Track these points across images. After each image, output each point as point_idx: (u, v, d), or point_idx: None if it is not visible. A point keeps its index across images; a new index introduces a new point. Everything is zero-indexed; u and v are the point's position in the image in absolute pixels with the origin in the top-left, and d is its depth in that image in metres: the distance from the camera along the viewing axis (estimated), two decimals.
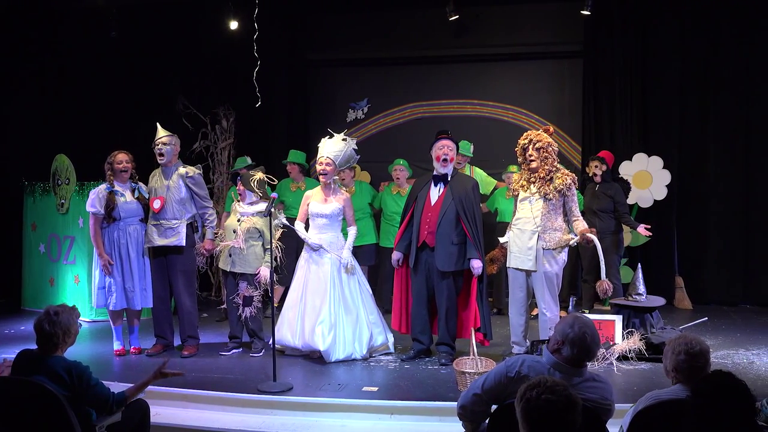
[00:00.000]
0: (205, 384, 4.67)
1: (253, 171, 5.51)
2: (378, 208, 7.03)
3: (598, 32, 7.52)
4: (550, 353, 2.69)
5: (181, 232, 5.41)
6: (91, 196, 5.45)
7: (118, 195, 5.42)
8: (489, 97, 8.00)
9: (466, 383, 4.27)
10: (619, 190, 6.67)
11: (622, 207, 6.60)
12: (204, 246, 5.52)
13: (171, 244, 5.39)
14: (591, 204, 6.68)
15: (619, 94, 7.47)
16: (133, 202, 5.47)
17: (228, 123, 8.08)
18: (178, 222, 5.42)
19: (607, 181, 6.68)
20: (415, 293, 5.24)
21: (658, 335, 5.25)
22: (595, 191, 6.67)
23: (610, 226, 6.61)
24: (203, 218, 5.56)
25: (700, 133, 7.38)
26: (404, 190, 6.85)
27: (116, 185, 5.45)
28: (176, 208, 5.42)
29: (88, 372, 3.06)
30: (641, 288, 5.54)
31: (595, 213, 6.60)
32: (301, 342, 5.26)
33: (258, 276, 5.36)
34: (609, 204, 6.56)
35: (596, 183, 6.67)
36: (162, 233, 5.40)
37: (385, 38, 8.09)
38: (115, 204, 5.38)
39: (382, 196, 7.00)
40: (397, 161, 6.96)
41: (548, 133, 5.08)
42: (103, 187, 5.45)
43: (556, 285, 5.03)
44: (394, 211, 6.82)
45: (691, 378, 2.66)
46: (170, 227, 5.40)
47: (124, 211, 5.42)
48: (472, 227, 5.04)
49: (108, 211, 5.36)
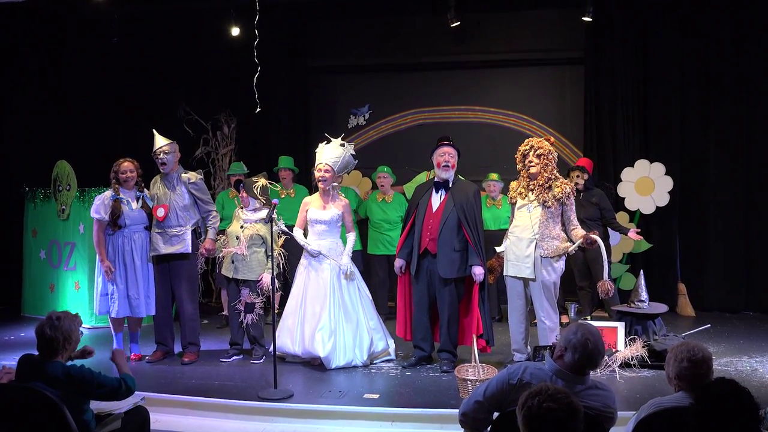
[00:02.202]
0: (205, 391, 4.67)
1: (256, 178, 5.52)
2: (364, 217, 7.02)
3: (599, 38, 7.53)
4: (552, 360, 2.69)
5: (187, 240, 5.43)
6: (96, 201, 5.46)
7: (124, 203, 5.43)
8: (490, 103, 8.01)
9: (467, 390, 4.26)
10: (603, 196, 6.64)
11: (608, 213, 6.57)
12: (204, 245, 5.51)
13: (177, 251, 5.40)
14: (578, 213, 6.62)
15: (620, 101, 7.48)
16: (139, 210, 5.48)
17: (229, 129, 8.10)
18: (182, 229, 5.42)
19: (590, 188, 6.63)
20: (416, 300, 5.24)
21: (660, 342, 5.24)
22: (579, 200, 6.64)
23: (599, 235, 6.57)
24: (206, 220, 5.56)
25: (702, 140, 7.38)
26: (390, 197, 6.87)
27: (121, 193, 5.46)
28: (180, 216, 5.43)
29: (87, 369, 3.06)
30: (644, 295, 5.53)
31: (583, 222, 6.54)
32: (301, 349, 5.25)
33: (261, 283, 5.36)
34: (595, 211, 6.52)
35: (579, 192, 6.64)
36: (167, 241, 5.41)
37: (386, 44, 8.12)
38: (121, 212, 5.39)
39: (367, 205, 7.01)
40: (380, 168, 6.97)
41: (549, 142, 5.08)
42: (108, 194, 5.45)
43: (554, 293, 5.02)
44: (381, 219, 6.84)
45: (693, 385, 2.65)
46: (175, 235, 5.41)
47: (129, 219, 5.42)
48: (474, 234, 5.03)
49: (113, 219, 5.37)
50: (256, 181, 5.43)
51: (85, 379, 3.01)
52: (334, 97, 8.37)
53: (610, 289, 4.88)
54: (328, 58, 8.27)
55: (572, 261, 6.59)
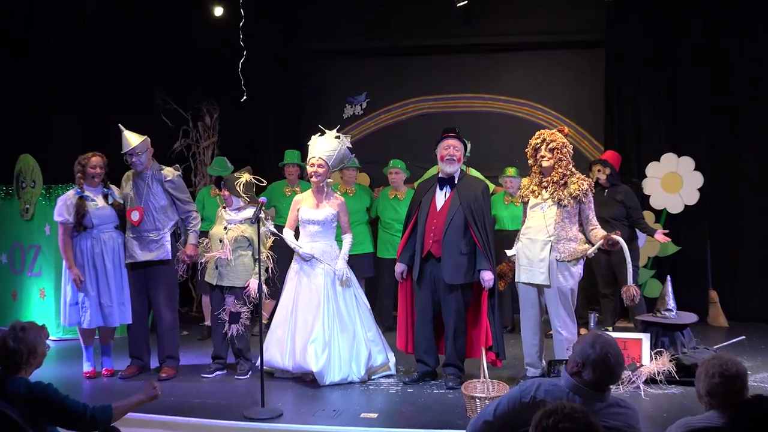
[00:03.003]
0: (185, 410, 4.65)
1: (239, 173, 5.51)
2: (375, 216, 7.03)
3: (623, 19, 7.54)
4: (569, 375, 2.69)
5: (166, 244, 5.44)
6: (58, 203, 5.42)
7: (89, 200, 5.39)
8: (501, 91, 8.03)
9: (476, 409, 4.26)
10: (630, 193, 6.66)
11: (635, 211, 6.58)
12: (186, 251, 5.51)
13: (156, 258, 5.40)
14: (601, 212, 6.60)
15: (645, 88, 7.49)
16: (107, 207, 5.45)
17: (212, 120, 8.11)
18: (161, 233, 5.43)
19: (615, 184, 6.65)
20: (419, 309, 5.23)
21: (689, 356, 5.24)
22: (603, 197, 6.65)
23: (624, 236, 6.57)
24: (186, 222, 5.55)
25: (736, 132, 7.38)
26: (402, 194, 6.86)
27: (86, 189, 5.42)
28: (158, 218, 5.43)
29: (52, 389, 3.05)
30: (671, 303, 5.54)
31: (607, 222, 6.55)
32: (291, 363, 5.25)
33: (247, 290, 5.35)
34: (620, 210, 6.53)
35: (603, 188, 6.65)
36: (144, 246, 5.40)
37: (386, 26, 8.12)
38: (86, 210, 5.35)
39: (378, 203, 7.01)
40: (393, 163, 6.97)
41: (563, 133, 5.08)
42: (71, 193, 5.42)
43: (571, 301, 5.01)
44: (393, 219, 6.82)
45: (726, 403, 2.65)
46: (153, 240, 5.41)
47: (96, 218, 5.39)
48: (482, 235, 5.03)
49: (78, 218, 5.33)
50: (239, 177, 5.42)
51: (47, 399, 3.00)
52: (328, 85, 8.38)
53: (635, 295, 4.88)
54: (321, 40, 8.27)
55: (595, 265, 6.60)
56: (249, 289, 5.34)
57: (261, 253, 5.05)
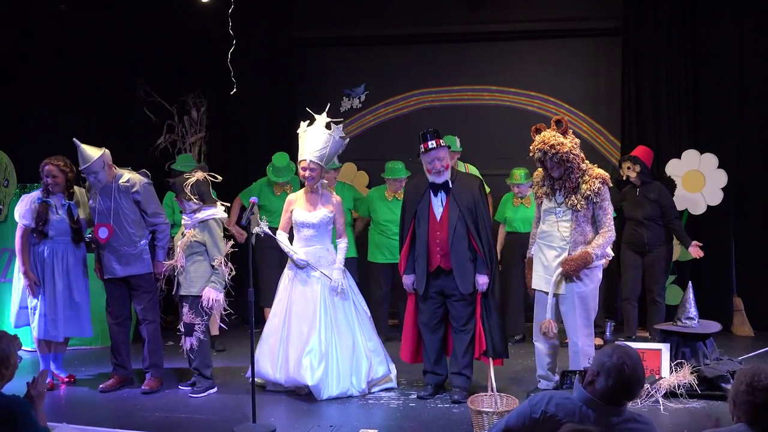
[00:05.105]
0: (171, 426, 4.68)
1: (189, 173, 5.43)
2: (365, 215, 7.02)
3: (641, 5, 7.54)
4: (582, 387, 2.71)
5: (146, 258, 5.50)
6: (23, 204, 5.49)
7: (52, 209, 5.46)
8: (510, 82, 8.02)
9: (483, 425, 4.29)
10: (664, 191, 6.67)
11: (670, 211, 6.58)
12: (156, 270, 5.53)
13: (137, 273, 5.46)
14: (634, 213, 6.66)
15: (665, 79, 7.48)
16: (65, 220, 5.51)
17: (199, 113, 8.11)
18: (137, 247, 5.46)
19: (647, 182, 6.68)
20: (424, 322, 5.30)
21: (712, 367, 5.25)
22: (635, 197, 6.66)
23: (660, 236, 6.60)
24: (155, 236, 5.56)
25: (763, 127, 7.38)
26: (401, 195, 6.84)
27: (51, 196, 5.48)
28: (132, 232, 5.45)
29: (28, 407, 3.07)
30: (692, 311, 5.54)
31: (641, 223, 6.57)
32: (284, 376, 5.27)
33: (202, 299, 5.25)
34: (654, 209, 6.56)
35: (635, 186, 6.67)
36: (123, 261, 5.45)
37: (386, 12, 8.12)
38: (48, 218, 5.42)
39: (370, 201, 7.00)
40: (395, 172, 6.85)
41: (561, 126, 5.02)
42: (35, 195, 5.50)
43: (591, 308, 5.03)
44: (387, 220, 6.79)
45: (753, 417, 2.65)
46: (132, 254, 5.45)
47: (53, 229, 5.46)
48: (483, 241, 5.12)
49: (39, 224, 5.41)
50: (189, 178, 5.33)
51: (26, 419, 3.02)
52: (324, 76, 8.38)
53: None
54: (317, 28, 8.27)
55: (623, 263, 6.62)
56: (203, 298, 5.24)
57: (214, 260, 5.11)
